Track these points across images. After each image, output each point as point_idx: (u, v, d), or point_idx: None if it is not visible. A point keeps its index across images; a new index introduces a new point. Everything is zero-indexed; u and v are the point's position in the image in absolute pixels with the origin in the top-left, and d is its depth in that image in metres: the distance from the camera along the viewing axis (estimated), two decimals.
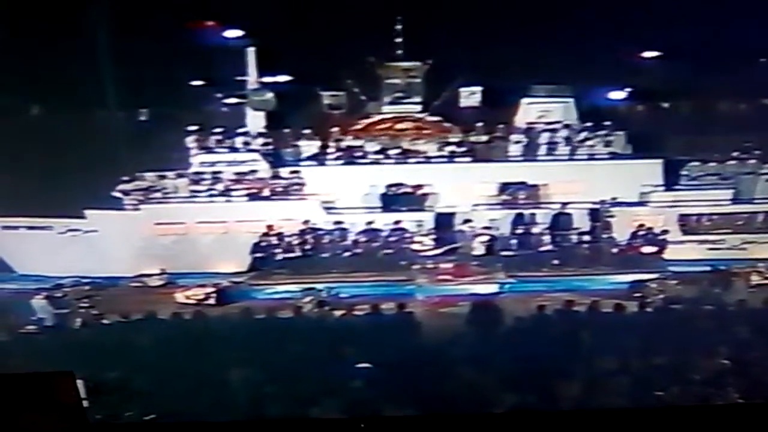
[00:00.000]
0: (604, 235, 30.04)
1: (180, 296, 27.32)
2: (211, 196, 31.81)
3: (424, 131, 34.03)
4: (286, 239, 29.98)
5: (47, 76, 30.04)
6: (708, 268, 27.63)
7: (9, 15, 29.06)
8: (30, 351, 20.19)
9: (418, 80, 34.33)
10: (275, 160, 32.87)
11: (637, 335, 19.58)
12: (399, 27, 33.15)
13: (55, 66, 29.61)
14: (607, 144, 32.85)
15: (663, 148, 32.52)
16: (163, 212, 31.23)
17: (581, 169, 32.22)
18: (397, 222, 30.48)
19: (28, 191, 28.96)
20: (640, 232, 29.92)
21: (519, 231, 30.37)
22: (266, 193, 31.84)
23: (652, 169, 31.71)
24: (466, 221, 30.57)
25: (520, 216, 30.75)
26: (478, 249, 29.71)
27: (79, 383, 9.52)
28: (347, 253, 29.95)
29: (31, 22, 29.70)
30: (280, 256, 29.74)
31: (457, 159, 32.97)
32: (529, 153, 33.04)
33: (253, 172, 32.18)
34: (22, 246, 31.00)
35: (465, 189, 31.67)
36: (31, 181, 28.74)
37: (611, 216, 30.27)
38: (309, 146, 33.30)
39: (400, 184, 31.94)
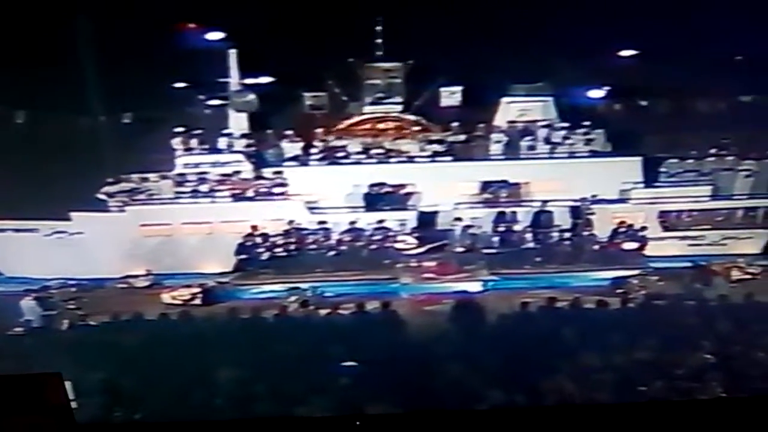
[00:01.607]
0: (586, 233, 30.20)
1: (166, 297, 27.33)
2: (195, 197, 31.89)
3: (406, 131, 34.21)
4: (271, 239, 30.03)
5: (31, 80, 30.04)
6: (689, 264, 27.84)
7: None
8: (17, 353, 20.17)
9: (399, 80, 34.56)
10: (258, 160, 32.98)
11: (620, 331, 19.67)
12: (379, 28, 33.32)
13: (38, 70, 29.60)
14: (587, 142, 33.07)
15: (642, 146, 32.79)
16: (148, 213, 31.29)
17: (562, 167, 32.47)
18: (380, 221, 30.58)
19: (13, 194, 28.95)
20: (621, 229, 30.07)
21: (501, 229, 30.50)
22: (250, 193, 31.94)
23: (631, 167, 31.95)
24: (454, 219, 30.73)
25: (502, 214, 30.89)
26: (461, 247, 29.83)
27: (67, 384, 9.61)
28: (331, 253, 30.00)
29: (14, 28, 29.69)
30: (264, 256, 29.78)
31: (438, 158, 33.14)
32: (510, 151, 33.25)
33: (237, 173, 32.28)
34: (8, 248, 30.99)
35: (447, 188, 31.80)
36: (17, 184, 28.73)
37: (592, 213, 30.47)
38: (292, 147, 33.42)
39: (383, 184, 32.09)
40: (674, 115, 33.75)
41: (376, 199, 31.82)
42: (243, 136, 33.57)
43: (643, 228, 30.16)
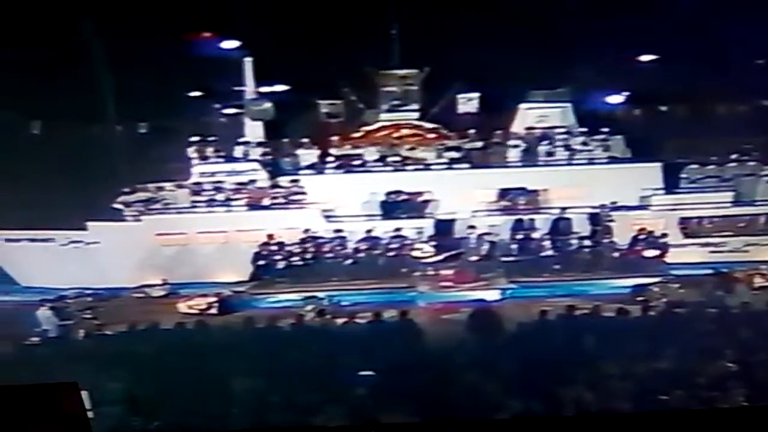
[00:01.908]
0: (605, 240, 30.01)
1: (182, 306, 27.34)
2: (211, 206, 31.83)
3: (423, 138, 34.07)
4: (287, 248, 29.97)
5: (47, 90, 30.12)
6: (710, 271, 27.61)
7: (8, 30, 29.13)
8: (34, 363, 20.17)
9: (415, 88, 34.47)
10: (274, 169, 32.93)
11: (640, 339, 19.52)
12: (395, 34, 33.21)
13: (54, 80, 29.69)
14: (606, 148, 32.87)
15: (662, 152, 32.56)
16: (164, 223, 31.30)
17: (580, 173, 32.27)
18: (397, 229, 30.45)
19: (29, 204, 29.05)
20: (641, 236, 29.88)
21: (519, 237, 30.35)
22: (266, 202, 31.89)
23: (651, 173, 31.76)
24: (470, 227, 30.55)
25: (519, 222, 30.75)
26: (476, 256, 29.67)
27: (84, 394, 9.50)
28: (348, 261, 29.92)
29: (30, 38, 29.77)
30: (281, 265, 29.71)
31: (455, 165, 32.99)
32: (528, 158, 33.07)
33: (253, 181, 32.22)
34: (25, 258, 31.10)
35: (464, 195, 31.66)
36: (33, 194, 28.83)
37: (611, 220, 30.26)
38: (308, 155, 33.34)
39: (400, 192, 31.96)
40: (694, 121, 33.56)
41: (393, 207, 31.69)
42: (259, 144, 33.52)
43: (664, 235, 29.95)
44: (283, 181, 32.47)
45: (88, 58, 30.12)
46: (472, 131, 33.53)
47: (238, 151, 33.35)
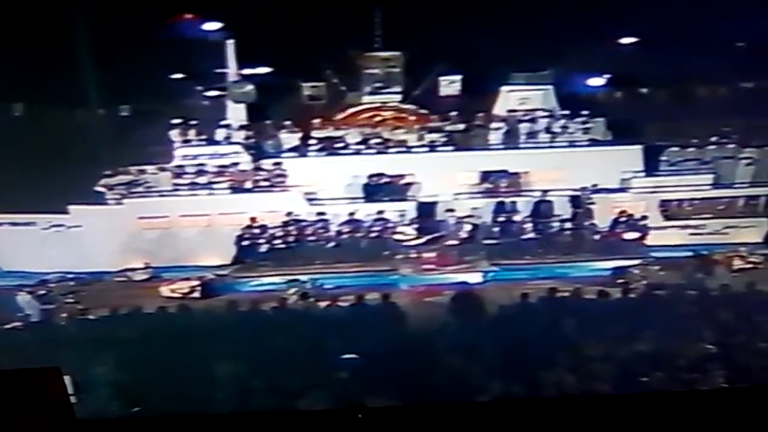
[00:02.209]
0: (586, 222, 30.14)
1: (165, 290, 27.29)
2: (193, 189, 31.79)
3: (405, 121, 34.07)
4: (270, 231, 29.99)
5: (28, 73, 29.92)
6: (690, 254, 27.75)
7: None
8: (16, 347, 20.17)
9: (398, 70, 34.42)
10: (257, 152, 32.86)
11: (621, 321, 19.63)
12: (377, 17, 33.15)
13: (35, 62, 29.50)
14: (587, 131, 32.93)
15: (642, 134, 32.62)
16: (146, 206, 31.18)
17: (562, 156, 32.31)
18: (379, 212, 30.49)
19: (10, 187, 28.87)
20: (622, 219, 30.02)
21: (501, 219, 30.43)
22: (249, 185, 31.84)
23: (632, 155, 31.83)
24: (448, 210, 30.64)
25: (501, 204, 30.82)
26: (461, 238, 29.75)
27: (66, 379, 9.53)
28: (330, 244, 29.98)
29: (10, 20, 29.57)
30: (263, 248, 29.76)
31: (438, 148, 33.00)
32: (510, 141, 33.11)
33: (235, 164, 32.17)
34: (6, 242, 30.88)
35: (446, 178, 31.69)
36: (14, 177, 28.64)
37: (592, 203, 30.38)
38: (290, 137, 33.29)
39: (382, 174, 31.96)
40: (675, 103, 33.60)
41: (375, 189, 31.69)
42: (241, 127, 33.40)
43: (644, 217, 30.10)
44: (266, 163, 32.41)
45: (69, 40, 29.93)
46: (454, 113, 33.50)
47: (220, 134, 33.22)
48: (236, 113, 33.74)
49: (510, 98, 33.69)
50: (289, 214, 30.40)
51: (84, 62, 30.14)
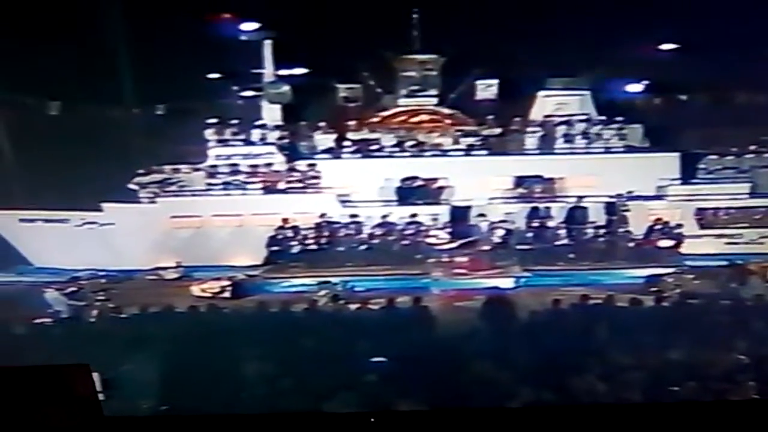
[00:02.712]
0: (620, 229, 29.99)
1: (195, 289, 27.36)
2: (227, 189, 31.84)
3: (440, 124, 34.01)
4: (302, 232, 30.05)
5: (65, 72, 30.11)
6: (725, 263, 27.44)
7: (27, 12, 29.19)
8: (46, 343, 20.20)
9: (434, 73, 34.43)
10: (291, 153, 32.93)
11: (653, 330, 19.42)
12: (415, 20, 33.12)
13: (72, 61, 29.68)
14: (624, 137, 32.74)
15: (680, 142, 32.46)
16: (179, 205, 31.36)
17: (597, 162, 32.20)
18: (412, 215, 30.47)
19: (44, 184, 29.08)
20: (657, 226, 29.84)
21: (535, 225, 30.33)
22: (282, 186, 31.91)
23: (668, 163, 31.69)
24: (479, 215, 30.54)
25: (535, 209, 30.72)
26: (494, 243, 29.64)
27: (95, 376, 9.49)
28: (362, 247, 30.02)
29: (48, 19, 29.80)
30: (295, 250, 29.81)
31: (473, 152, 32.92)
32: (545, 146, 33.02)
33: (269, 165, 32.22)
34: (39, 239, 31.17)
35: (481, 182, 31.62)
36: (48, 175, 28.85)
37: (627, 210, 30.19)
38: (325, 139, 33.31)
39: (416, 178, 31.93)
40: (713, 111, 33.35)
41: (409, 192, 31.63)
42: (276, 127, 33.47)
43: (680, 225, 29.87)
44: (300, 165, 32.44)
45: (106, 39, 30.09)
46: (490, 118, 33.43)
47: (255, 134, 33.30)
48: (271, 114, 33.86)
49: (547, 103, 33.61)
50: (322, 215, 30.42)
51: (120, 61, 30.27)
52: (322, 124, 33.68)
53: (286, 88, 33.68)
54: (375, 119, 34.18)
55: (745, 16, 28.15)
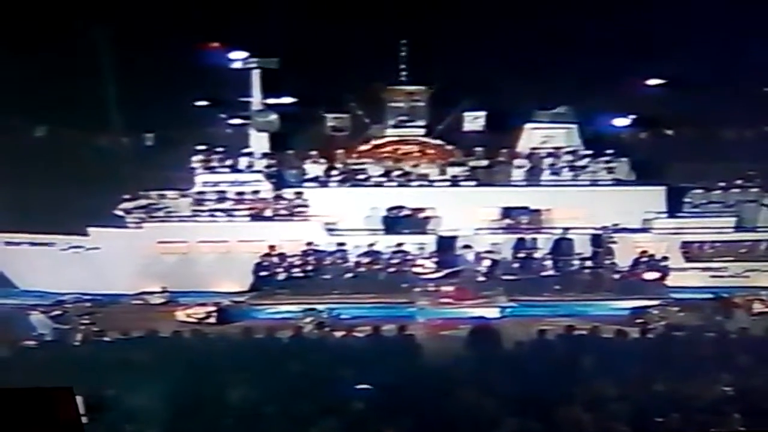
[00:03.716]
0: (606, 261, 30.05)
1: (181, 314, 27.27)
2: (213, 215, 31.84)
3: (428, 155, 34.07)
4: (288, 260, 30.01)
5: (52, 96, 30.20)
6: (710, 296, 27.54)
7: (16, 37, 29.26)
8: (30, 366, 20.10)
9: (422, 104, 34.55)
10: (278, 180, 32.95)
11: (639, 361, 19.47)
12: (403, 51, 33.27)
13: (60, 86, 29.77)
14: (610, 170, 32.88)
15: (666, 176, 32.61)
16: (165, 231, 31.34)
17: (584, 195, 32.31)
18: (399, 244, 30.47)
19: (31, 208, 29.06)
20: (643, 259, 29.91)
21: (521, 255, 30.37)
22: (269, 213, 31.92)
23: (655, 196, 31.81)
24: (465, 246, 30.60)
25: (522, 240, 30.77)
26: (480, 273, 29.67)
27: (79, 399, 9.45)
28: (348, 275, 29.98)
29: (37, 44, 29.88)
30: (281, 277, 29.78)
31: (460, 183, 33.01)
32: (532, 178, 33.12)
33: (256, 192, 32.22)
34: (25, 262, 31.12)
35: (467, 213, 31.69)
36: (35, 198, 28.85)
37: (613, 242, 30.27)
38: (312, 168, 33.35)
39: (402, 207, 31.96)
40: (699, 146, 33.57)
41: (396, 222, 31.67)
42: (263, 155, 33.48)
43: (665, 258, 29.95)
44: (287, 192, 32.47)
45: (94, 65, 30.17)
46: (477, 149, 33.55)
47: (242, 162, 33.34)
48: (259, 142, 33.91)
49: (534, 135, 33.73)
50: (308, 243, 30.41)
51: (109, 87, 30.37)
52: (309, 152, 33.70)
53: (274, 116, 33.76)
54: (362, 149, 34.22)
55: (731, 53, 28.39)
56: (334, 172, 33.34)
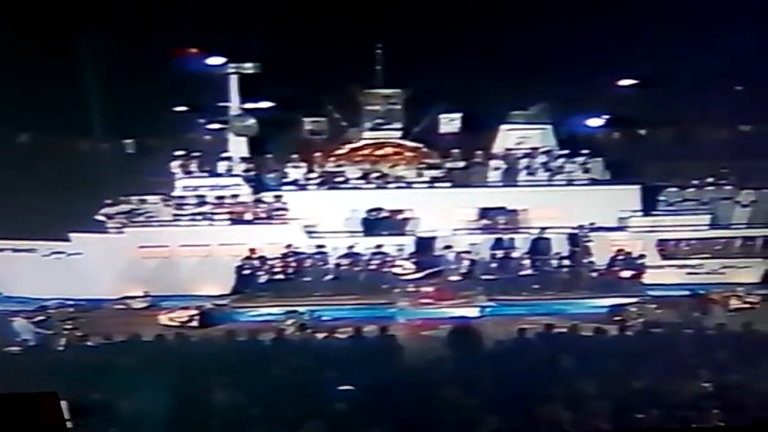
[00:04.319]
0: (584, 260, 30.29)
1: (163, 318, 27.40)
2: (194, 219, 31.91)
3: (405, 157, 34.19)
4: (269, 262, 30.15)
5: (33, 102, 30.17)
6: (687, 293, 27.82)
7: None
8: (13, 372, 20.14)
9: (398, 107, 34.59)
10: (257, 184, 33.03)
11: (617, 359, 19.64)
12: (379, 54, 33.36)
13: (40, 92, 29.75)
14: (586, 170, 33.09)
15: (641, 174, 32.81)
16: (146, 235, 31.36)
17: (560, 194, 32.53)
18: (378, 246, 30.64)
19: (12, 214, 29.02)
20: (619, 257, 30.19)
21: (499, 255, 30.57)
22: (249, 217, 32.02)
23: (630, 195, 32.02)
24: (445, 246, 30.80)
25: (499, 240, 30.96)
26: (459, 273, 29.85)
27: (63, 404, 9.58)
28: (329, 277, 30.16)
29: (18, 51, 29.86)
30: (262, 279, 29.93)
31: (437, 184, 33.17)
32: (509, 178, 33.28)
33: (236, 196, 32.31)
34: (7, 268, 31.03)
35: (445, 214, 31.85)
36: (16, 204, 28.80)
37: (590, 241, 30.52)
38: (291, 171, 33.45)
39: (381, 209, 32.10)
40: (673, 144, 33.77)
41: (374, 224, 31.82)
42: (242, 160, 33.57)
43: (642, 256, 30.23)
44: (266, 196, 32.57)
45: (74, 71, 30.18)
46: (453, 151, 33.72)
47: (221, 166, 33.42)
48: (238, 146, 33.97)
49: (509, 137, 33.85)
50: (288, 246, 30.54)
51: (88, 92, 30.38)
52: (288, 156, 33.80)
53: (252, 121, 33.86)
54: (340, 152, 34.32)
55: (704, 52, 28.63)
56: (312, 175, 33.41)
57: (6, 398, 8.85)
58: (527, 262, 30.33)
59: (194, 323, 27.16)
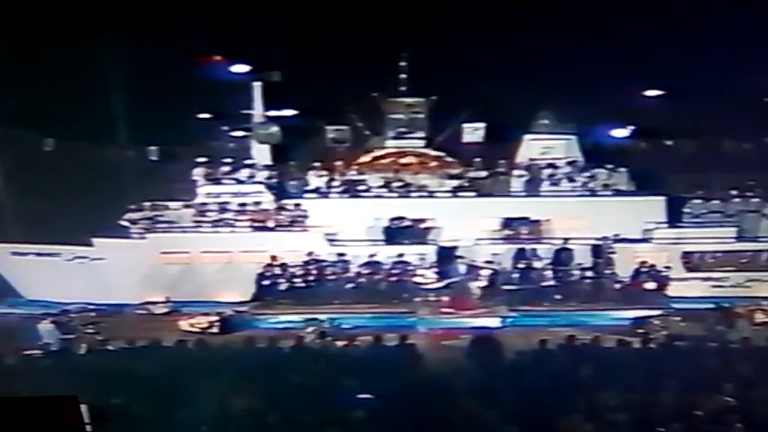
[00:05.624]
0: (607, 271, 30.13)
1: (184, 324, 27.41)
2: (216, 226, 31.96)
3: (428, 166, 34.15)
4: (290, 270, 30.13)
5: (59, 110, 30.39)
6: (712, 306, 27.55)
7: (22, 51, 29.46)
8: (35, 375, 20.19)
9: (422, 116, 34.62)
10: (280, 192, 33.07)
11: (640, 371, 19.49)
12: (404, 63, 33.39)
13: (66, 100, 29.96)
14: (610, 181, 32.92)
15: (666, 186, 32.65)
16: (169, 241, 31.50)
17: (584, 205, 32.35)
18: (399, 255, 30.59)
19: (37, 219, 29.21)
20: (643, 269, 29.97)
21: (521, 266, 30.44)
22: (270, 224, 32.04)
23: (655, 206, 31.85)
24: (458, 257, 30.76)
25: (522, 251, 30.83)
26: (481, 283, 29.73)
27: (83, 408, 9.53)
28: (350, 285, 30.11)
29: (44, 59, 30.07)
30: (283, 287, 29.90)
31: (460, 193, 33.09)
32: (532, 188, 33.18)
33: (258, 203, 32.34)
34: (30, 272, 31.30)
35: (468, 223, 31.76)
36: (40, 209, 29.00)
37: (613, 252, 30.35)
38: (313, 179, 33.45)
39: (403, 218, 32.04)
40: (699, 156, 33.65)
41: (396, 232, 31.76)
42: (265, 167, 33.62)
43: (666, 268, 30.01)
44: (288, 203, 32.60)
45: (101, 80, 30.35)
46: (477, 160, 33.67)
47: (244, 174, 33.47)
48: (260, 154, 34.07)
49: (533, 146, 33.76)
50: (309, 253, 30.51)
51: (114, 100, 30.54)
52: (310, 164, 33.84)
53: (275, 128, 33.92)
54: (363, 160, 34.32)
55: (731, 63, 28.49)
56: (334, 183, 33.45)
57: (26, 401, 8.82)
58: (549, 272, 30.17)
59: (215, 329, 27.15)
